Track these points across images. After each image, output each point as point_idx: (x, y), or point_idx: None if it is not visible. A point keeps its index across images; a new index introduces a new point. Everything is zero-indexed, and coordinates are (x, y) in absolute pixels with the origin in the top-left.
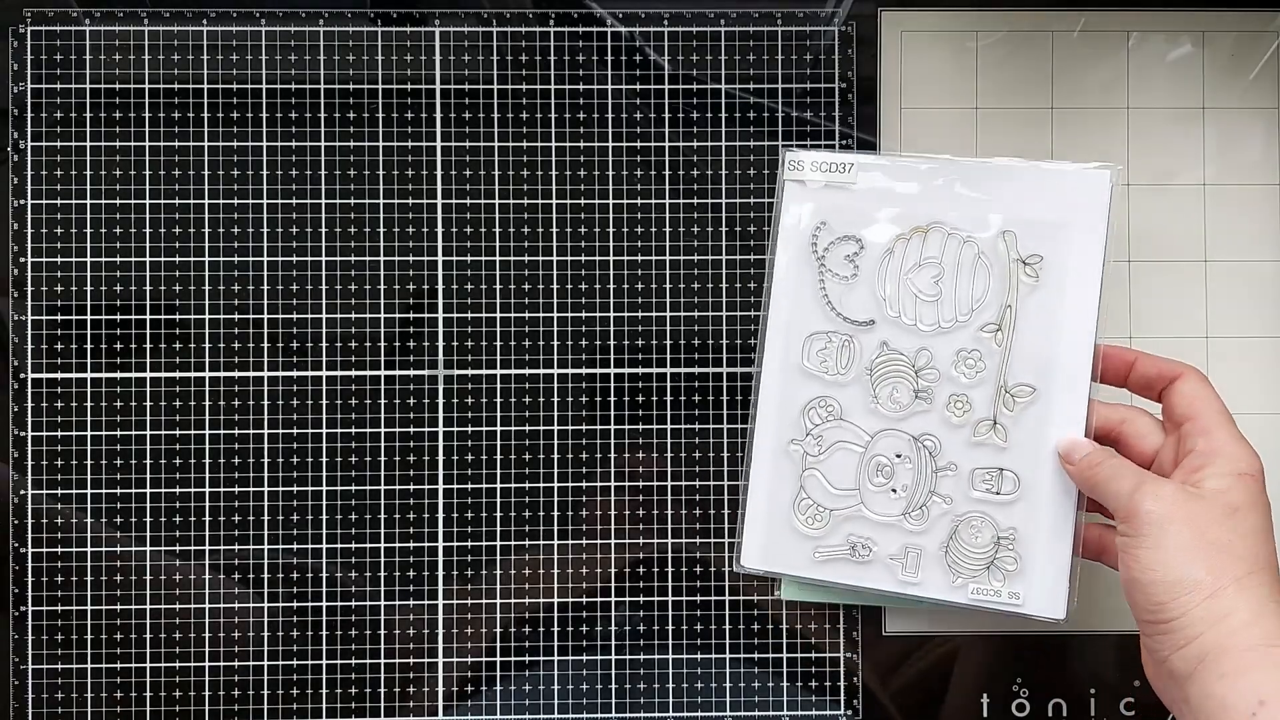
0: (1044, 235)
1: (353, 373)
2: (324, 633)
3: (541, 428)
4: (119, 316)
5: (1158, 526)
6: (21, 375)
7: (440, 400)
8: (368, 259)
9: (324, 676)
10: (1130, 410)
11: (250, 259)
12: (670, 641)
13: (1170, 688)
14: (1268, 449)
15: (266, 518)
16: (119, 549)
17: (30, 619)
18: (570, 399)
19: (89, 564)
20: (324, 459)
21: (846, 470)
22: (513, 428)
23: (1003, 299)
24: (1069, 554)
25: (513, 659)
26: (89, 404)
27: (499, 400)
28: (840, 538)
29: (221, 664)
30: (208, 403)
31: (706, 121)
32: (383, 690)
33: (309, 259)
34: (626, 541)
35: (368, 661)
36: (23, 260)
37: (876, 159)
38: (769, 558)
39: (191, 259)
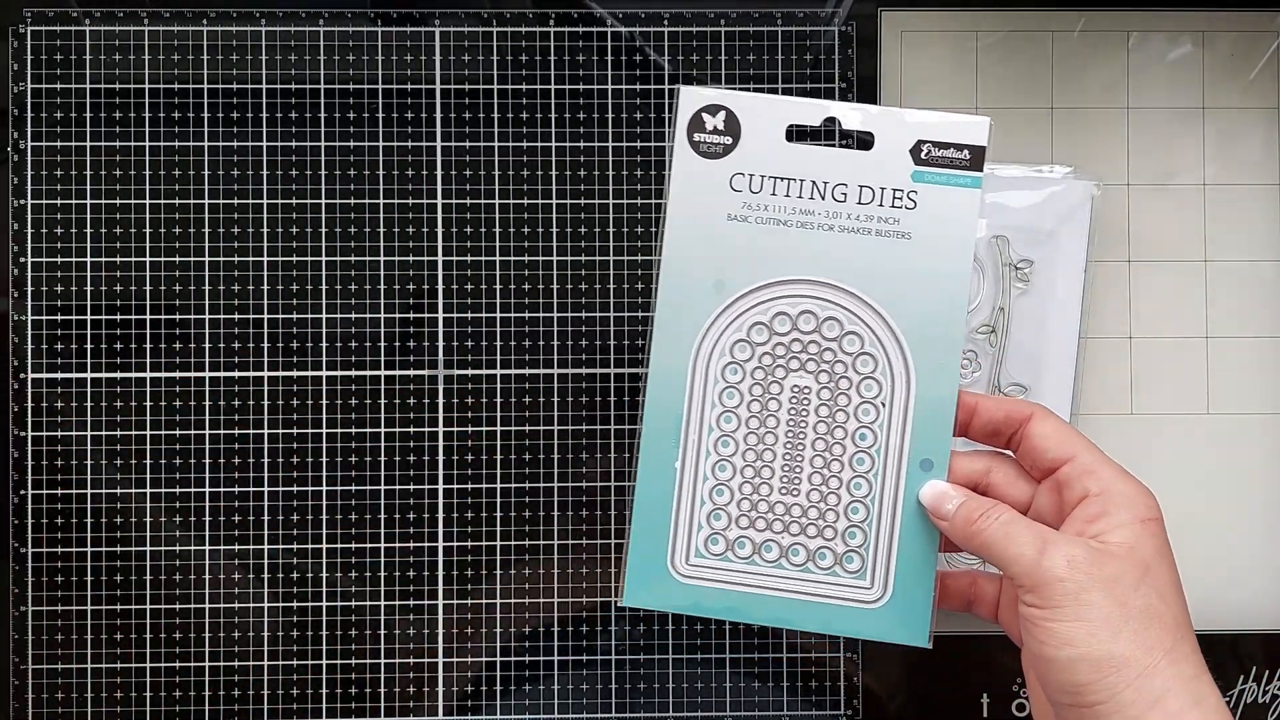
0: (1033, 240)
1: (353, 373)
2: (324, 633)
3: (541, 428)
4: (119, 316)
5: (1074, 596)
6: (21, 375)
7: (440, 400)
8: (368, 259)
9: (324, 677)
10: (994, 457)
11: (250, 259)
12: (670, 643)
13: None
14: (1268, 450)
15: (266, 518)
16: (119, 547)
17: (30, 619)
18: (570, 399)
19: (89, 564)
20: (324, 459)
21: None
22: (513, 428)
23: (995, 301)
24: None
25: (513, 659)
26: (89, 404)
27: (499, 400)
28: None
29: (221, 664)
30: (208, 403)
31: None
32: (383, 691)
33: (309, 259)
34: (626, 542)
35: (368, 662)
36: (23, 260)
37: None
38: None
39: (191, 259)
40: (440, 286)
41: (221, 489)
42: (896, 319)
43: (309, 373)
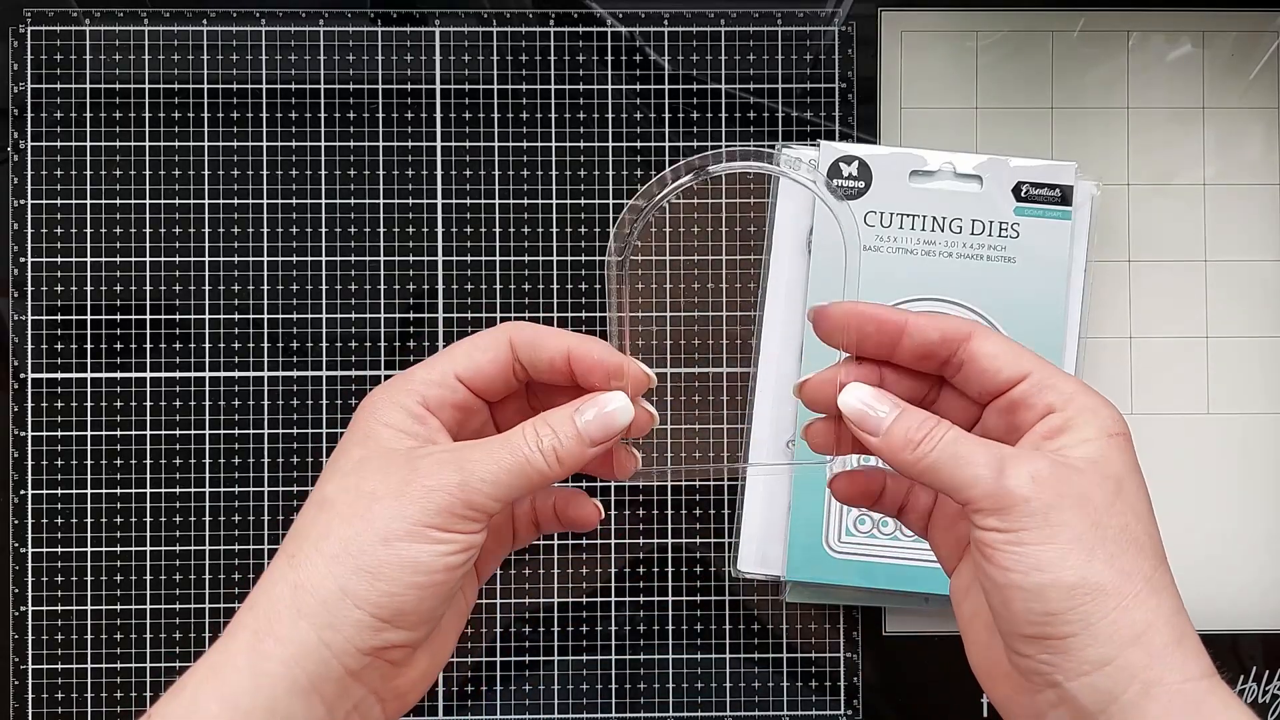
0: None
1: (353, 373)
2: None
3: None
4: (119, 316)
5: (1042, 516)
6: (21, 375)
7: None
8: (368, 259)
9: None
10: (937, 380)
11: (250, 259)
12: (670, 641)
13: None
14: (1268, 450)
15: (266, 518)
16: (119, 547)
17: (30, 619)
18: None
19: (89, 564)
20: (324, 459)
21: None
22: None
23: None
24: None
25: (512, 658)
26: (89, 404)
27: None
28: None
29: None
30: (208, 403)
31: (706, 121)
32: None
33: (309, 259)
34: (626, 541)
35: None
36: (23, 260)
37: None
38: (766, 560)
39: (191, 259)
40: (440, 286)
41: (221, 489)
42: (1006, 328)
43: (309, 373)
